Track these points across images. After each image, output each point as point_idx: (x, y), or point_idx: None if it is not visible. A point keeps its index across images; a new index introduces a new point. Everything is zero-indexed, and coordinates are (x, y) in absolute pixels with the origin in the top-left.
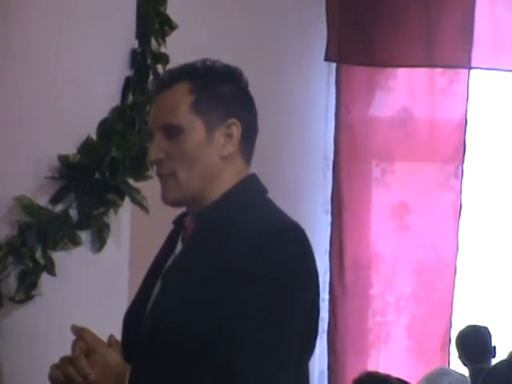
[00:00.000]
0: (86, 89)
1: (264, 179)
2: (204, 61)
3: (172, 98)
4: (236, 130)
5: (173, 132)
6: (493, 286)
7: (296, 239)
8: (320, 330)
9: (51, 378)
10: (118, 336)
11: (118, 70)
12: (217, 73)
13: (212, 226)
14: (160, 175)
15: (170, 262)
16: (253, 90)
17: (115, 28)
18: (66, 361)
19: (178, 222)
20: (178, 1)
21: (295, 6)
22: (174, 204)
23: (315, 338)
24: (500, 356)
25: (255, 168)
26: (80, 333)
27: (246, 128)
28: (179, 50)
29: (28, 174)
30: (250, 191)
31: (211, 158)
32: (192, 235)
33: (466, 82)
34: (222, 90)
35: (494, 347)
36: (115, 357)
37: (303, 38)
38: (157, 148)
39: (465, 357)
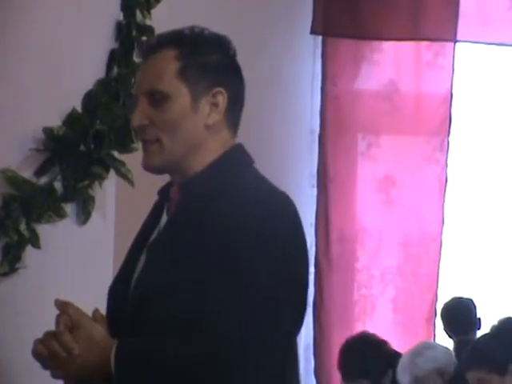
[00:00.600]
0: (70, 61)
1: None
2: (192, 28)
3: (158, 64)
4: (222, 99)
5: (157, 98)
6: (478, 258)
7: (284, 209)
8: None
9: (34, 352)
10: (103, 310)
11: (102, 42)
12: (205, 40)
13: (198, 197)
14: (143, 141)
15: (154, 235)
16: (239, 62)
17: (101, 2)
18: (49, 335)
19: (163, 192)
20: None
21: None
22: (155, 171)
23: (304, 310)
24: (485, 328)
25: (240, 140)
26: (64, 307)
27: (232, 98)
28: (164, 22)
29: (12, 146)
30: (236, 161)
31: (196, 126)
32: (177, 207)
33: (451, 56)
34: (210, 58)
35: (479, 319)
36: (100, 331)
37: (289, 10)
38: (141, 114)
39: (449, 329)
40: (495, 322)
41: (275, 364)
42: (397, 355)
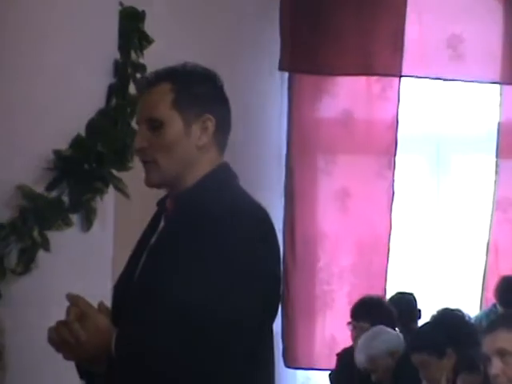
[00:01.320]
0: (76, 93)
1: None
2: (184, 64)
3: (155, 96)
4: (210, 124)
5: (155, 125)
6: (420, 258)
7: (260, 218)
8: None
9: (49, 339)
10: (106, 302)
11: (103, 78)
12: (195, 74)
13: (188, 206)
14: (144, 162)
15: (153, 240)
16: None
17: (101, 42)
18: (61, 324)
19: (161, 203)
20: (154, 19)
21: (255, 25)
22: (154, 186)
23: (277, 301)
24: (425, 318)
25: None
26: (74, 299)
27: (219, 123)
28: (155, 60)
29: (28, 166)
30: (222, 177)
31: (188, 147)
32: (171, 215)
33: (397, 88)
34: (199, 90)
35: (420, 310)
36: (104, 321)
37: (261, 51)
38: (141, 138)
39: (392, 322)
40: (434, 313)
41: (248, 348)
42: None
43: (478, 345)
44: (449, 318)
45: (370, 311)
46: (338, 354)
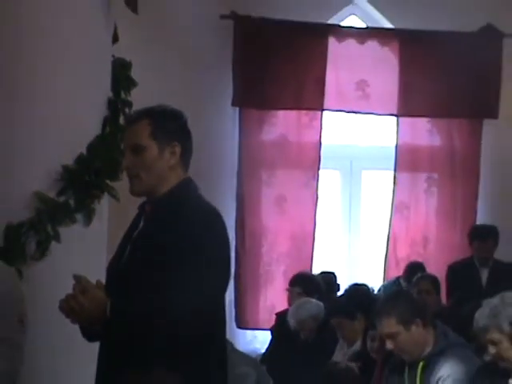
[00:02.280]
0: (80, 123)
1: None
2: (159, 105)
3: (137, 129)
4: (178, 150)
5: (137, 150)
6: (338, 247)
7: (216, 218)
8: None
9: (60, 307)
10: (102, 280)
11: (99, 111)
12: (166, 113)
13: (162, 209)
14: (129, 176)
15: (135, 234)
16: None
17: (98, 84)
18: (69, 296)
19: (141, 207)
20: (138, 68)
21: (213, 73)
22: (137, 195)
23: (229, 279)
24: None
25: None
26: (78, 278)
27: (184, 149)
28: (138, 98)
29: (42, 177)
30: (186, 188)
31: (162, 167)
32: (149, 216)
33: (320, 119)
34: (170, 125)
35: (338, 285)
36: (101, 294)
37: (218, 92)
38: (127, 160)
39: (317, 292)
40: (347, 286)
41: (218, 308)
42: None
43: None
44: (358, 290)
45: (303, 280)
46: (276, 314)
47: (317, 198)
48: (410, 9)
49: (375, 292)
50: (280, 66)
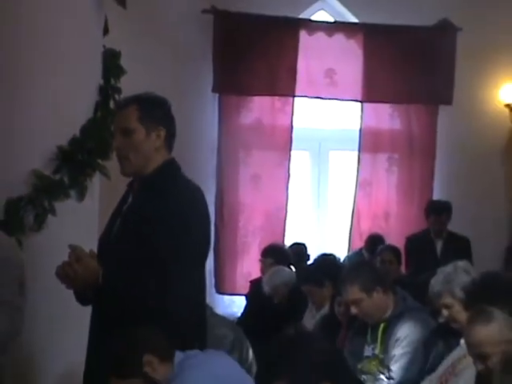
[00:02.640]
0: (74, 107)
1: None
2: (145, 93)
3: (127, 113)
4: (162, 134)
5: (126, 132)
6: (308, 220)
7: (199, 194)
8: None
9: (56, 273)
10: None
11: (92, 97)
12: (152, 100)
13: (149, 187)
14: (119, 157)
15: (124, 208)
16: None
17: (91, 72)
18: (65, 264)
19: (130, 184)
20: (126, 58)
21: (196, 62)
22: (127, 175)
23: (209, 249)
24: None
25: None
26: (73, 248)
27: (168, 132)
28: (126, 85)
29: (40, 156)
30: (170, 168)
31: (148, 148)
32: (138, 192)
33: (291, 104)
34: (155, 110)
35: (308, 255)
36: (94, 262)
37: (200, 79)
38: (117, 141)
39: (287, 263)
40: (316, 256)
41: (199, 275)
42: None
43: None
44: (326, 260)
45: (274, 251)
46: (251, 281)
47: (289, 176)
48: (373, 4)
49: (341, 261)
50: (256, 56)
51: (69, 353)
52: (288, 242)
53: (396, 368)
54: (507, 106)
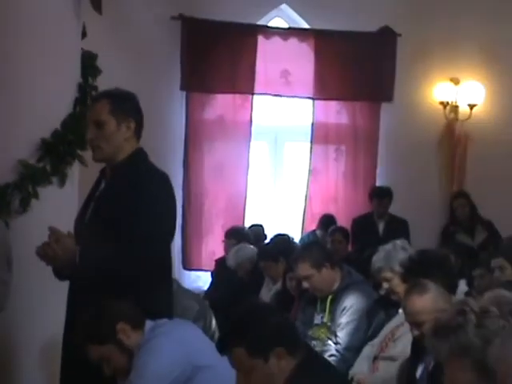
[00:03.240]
0: (56, 103)
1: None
2: (116, 88)
3: (99, 106)
4: (132, 125)
5: (99, 124)
6: (265, 204)
7: (166, 180)
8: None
9: (37, 253)
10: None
11: (71, 95)
12: (122, 95)
13: (120, 173)
14: (92, 147)
15: (98, 193)
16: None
17: (70, 72)
18: (44, 244)
19: (102, 171)
20: (102, 59)
21: (165, 63)
22: (99, 161)
23: (175, 228)
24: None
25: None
26: (53, 230)
27: (137, 123)
28: (102, 83)
29: (25, 147)
30: (139, 156)
31: (119, 138)
32: (109, 179)
33: (251, 101)
34: (126, 104)
35: (266, 235)
36: (71, 242)
37: (169, 78)
38: (91, 132)
39: (249, 242)
40: (272, 236)
41: (167, 252)
42: None
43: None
44: (281, 239)
45: (236, 233)
46: (216, 260)
47: (248, 165)
48: (323, 12)
49: (295, 241)
50: (219, 58)
51: (48, 325)
52: (248, 224)
53: (342, 334)
54: (441, 103)
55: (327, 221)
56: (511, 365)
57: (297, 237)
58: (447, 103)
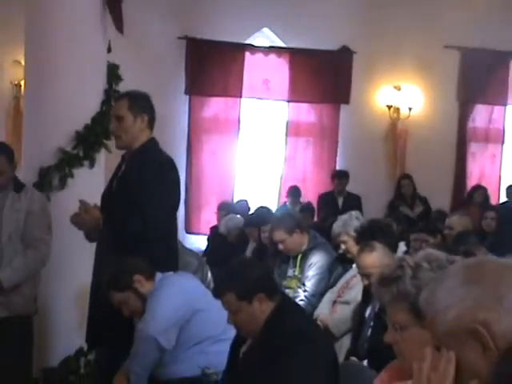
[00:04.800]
0: (87, 105)
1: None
2: (134, 90)
3: (120, 104)
4: (146, 119)
5: (119, 118)
6: (249, 181)
7: (172, 164)
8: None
9: (71, 221)
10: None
11: (99, 97)
12: (138, 94)
13: (137, 157)
14: (115, 136)
15: (120, 173)
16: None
17: (98, 81)
18: (76, 213)
19: (123, 156)
20: (123, 69)
21: (172, 71)
22: (120, 149)
23: (179, 201)
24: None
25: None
26: (83, 202)
27: (150, 118)
28: (123, 88)
29: (63, 138)
30: (153, 144)
31: (135, 130)
32: (128, 162)
33: (239, 103)
34: (140, 102)
35: (250, 208)
36: (97, 212)
37: (176, 84)
38: (113, 125)
39: (236, 213)
40: (255, 208)
41: (173, 220)
42: None
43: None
44: (261, 210)
45: (226, 206)
46: (210, 227)
47: (237, 152)
48: (296, 34)
49: (272, 211)
50: (214, 69)
51: (80, 276)
52: (236, 199)
53: (309, 284)
54: (387, 106)
55: (294, 190)
56: (437, 308)
57: (273, 208)
58: (391, 106)
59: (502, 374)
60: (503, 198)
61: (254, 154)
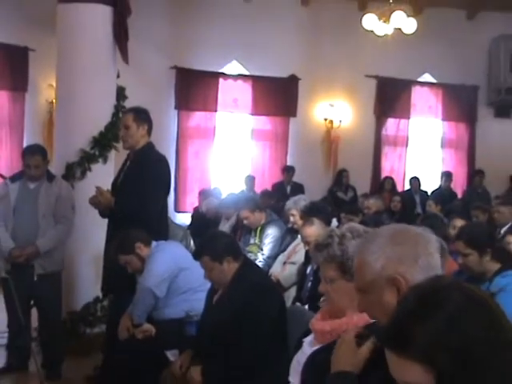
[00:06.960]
0: (101, 117)
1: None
2: (136, 106)
3: (127, 117)
4: (146, 128)
5: (126, 127)
6: (223, 175)
7: (165, 161)
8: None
9: (89, 202)
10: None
11: (110, 111)
12: (141, 110)
13: (139, 157)
14: (122, 140)
15: (125, 168)
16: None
17: (110, 99)
18: (93, 196)
19: (128, 155)
20: (128, 90)
21: (166, 91)
22: (126, 149)
23: (169, 190)
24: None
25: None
26: (98, 188)
27: (149, 127)
28: (127, 104)
29: (84, 141)
30: (151, 146)
31: (138, 135)
32: (132, 160)
33: (215, 116)
34: (142, 115)
35: (222, 193)
36: (109, 196)
37: (168, 101)
38: (121, 133)
39: (213, 197)
40: (227, 195)
41: (165, 202)
42: None
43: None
44: (231, 196)
45: (206, 192)
46: (194, 208)
47: (213, 152)
48: (257, 65)
49: (238, 196)
50: (197, 91)
51: (95, 244)
52: (212, 187)
53: (266, 249)
54: (324, 118)
55: (249, 179)
56: (368, 259)
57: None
58: (326, 119)
59: (399, 304)
60: (407, 187)
61: (226, 154)
